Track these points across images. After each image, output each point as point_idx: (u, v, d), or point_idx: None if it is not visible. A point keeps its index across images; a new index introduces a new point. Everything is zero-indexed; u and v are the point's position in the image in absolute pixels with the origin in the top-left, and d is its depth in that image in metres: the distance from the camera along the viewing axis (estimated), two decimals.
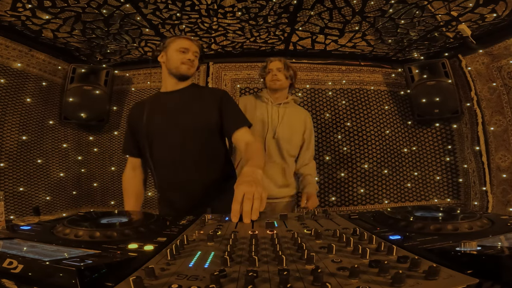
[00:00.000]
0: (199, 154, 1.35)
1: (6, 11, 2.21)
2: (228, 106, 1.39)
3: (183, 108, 1.37)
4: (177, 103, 1.39)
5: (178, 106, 1.38)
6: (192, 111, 1.36)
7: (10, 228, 0.72)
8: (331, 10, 2.34)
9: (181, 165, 1.34)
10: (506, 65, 2.61)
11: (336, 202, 3.11)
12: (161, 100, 1.44)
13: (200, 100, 1.39)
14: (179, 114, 1.36)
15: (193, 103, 1.39)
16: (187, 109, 1.37)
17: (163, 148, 1.36)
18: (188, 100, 1.39)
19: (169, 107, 1.39)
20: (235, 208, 0.85)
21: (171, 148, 1.35)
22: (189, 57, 1.38)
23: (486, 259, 0.45)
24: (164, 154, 1.37)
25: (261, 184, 0.95)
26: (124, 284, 0.41)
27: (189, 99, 1.40)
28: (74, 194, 3.16)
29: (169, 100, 1.41)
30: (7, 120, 2.59)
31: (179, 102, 1.39)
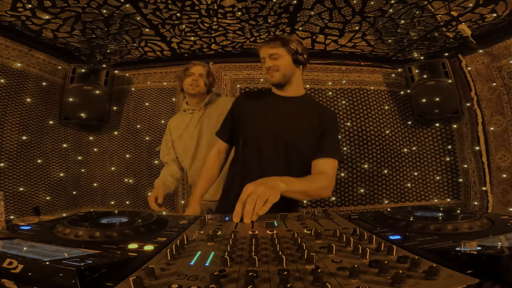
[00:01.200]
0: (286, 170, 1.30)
1: (6, 11, 2.21)
2: (331, 132, 1.34)
3: (292, 119, 1.34)
4: (288, 112, 1.35)
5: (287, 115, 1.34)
6: (298, 124, 1.34)
7: (10, 228, 0.72)
8: (331, 10, 2.34)
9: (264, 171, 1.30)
10: (506, 65, 2.61)
11: (336, 202, 3.11)
12: (272, 103, 1.39)
13: (309, 116, 1.35)
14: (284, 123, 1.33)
15: (303, 116, 1.35)
16: (294, 121, 1.34)
17: (257, 147, 1.34)
18: (300, 112, 1.36)
19: (279, 112, 1.35)
20: (238, 209, 0.85)
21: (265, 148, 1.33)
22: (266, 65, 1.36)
23: (486, 259, 0.45)
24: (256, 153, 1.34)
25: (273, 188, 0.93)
26: (124, 284, 0.41)
27: (300, 111, 1.36)
28: (74, 194, 3.16)
29: (283, 106, 1.37)
30: (7, 120, 2.59)
31: (290, 112, 1.35)
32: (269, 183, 0.96)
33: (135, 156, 3.26)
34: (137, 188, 3.23)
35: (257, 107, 1.40)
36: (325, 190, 1.26)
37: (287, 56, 1.33)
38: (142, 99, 3.33)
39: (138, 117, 3.30)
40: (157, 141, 3.25)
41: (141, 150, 3.26)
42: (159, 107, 3.30)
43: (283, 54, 1.33)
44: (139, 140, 3.28)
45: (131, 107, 3.32)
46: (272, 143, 1.33)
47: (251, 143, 1.36)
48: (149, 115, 3.30)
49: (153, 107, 3.30)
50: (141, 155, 3.26)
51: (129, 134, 3.29)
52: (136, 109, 3.32)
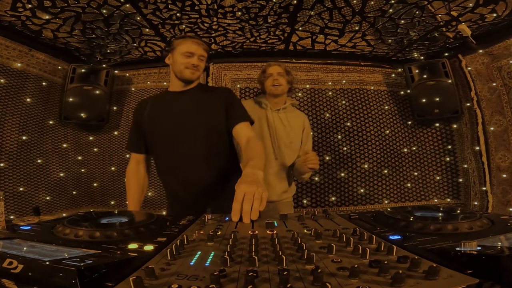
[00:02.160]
0: (205, 152, 1.36)
1: (6, 11, 2.21)
2: (231, 102, 1.41)
3: (190, 109, 1.39)
4: (184, 104, 1.40)
5: (185, 107, 1.39)
6: (199, 112, 1.38)
7: (10, 228, 0.72)
8: (331, 10, 2.34)
9: (185, 164, 1.36)
10: (506, 65, 2.61)
11: (336, 202, 3.11)
12: (168, 99, 1.45)
13: (207, 100, 1.41)
14: (186, 115, 1.38)
15: (200, 103, 1.40)
16: (194, 110, 1.39)
17: (169, 147, 1.38)
18: (195, 101, 1.41)
19: (176, 108, 1.40)
20: (236, 208, 0.85)
21: (177, 147, 1.37)
22: (193, 62, 1.38)
23: (486, 259, 0.45)
24: (170, 154, 1.38)
25: (262, 185, 0.95)
26: (124, 284, 0.41)
27: (196, 100, 1.41)
28: (74, 194, 3.16)
29: (176, 100, 1.43)
30: (7, 120, 2.59)
31: (186, 103, 1.40)
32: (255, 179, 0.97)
33: None
34: None
35: (150, 109, 1.44)
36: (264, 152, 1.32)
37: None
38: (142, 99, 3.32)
39: None
40: None
41: None
42: None
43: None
44: None
45: (131, 107, 3.32)
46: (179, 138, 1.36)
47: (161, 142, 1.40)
48: None
49: None
50: None
51: None
52: None
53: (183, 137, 1.36)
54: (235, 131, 1.36)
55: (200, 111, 1.39)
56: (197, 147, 1.36)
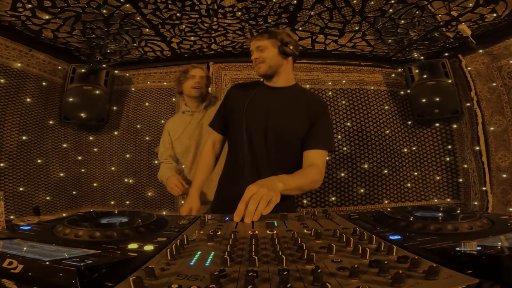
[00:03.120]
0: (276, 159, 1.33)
1: (6, 11, 2.21)
2: (321, 122, 1.35)
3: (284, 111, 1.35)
4: (282, 103, 1.37)
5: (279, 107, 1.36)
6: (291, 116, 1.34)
7: (10, 228, 0.72)
8: (331, 10, 2.34)
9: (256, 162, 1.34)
10: (506, 65, 2.61)
11: (336, 202, 3.11)
12: (264, 93, 1.41)
13: (302, 107, 1.36)
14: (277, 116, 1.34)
15: (295, 108, 1.36)
16: (287, 113, 1.35)
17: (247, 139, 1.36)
18: (292, 103, 1.37)
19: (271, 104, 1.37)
20: (240, 208, 0.85)
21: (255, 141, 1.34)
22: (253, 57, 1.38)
23: (486, 259, 0.45)
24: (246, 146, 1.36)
25: (275, 190, 0.94)
26: (124, 284, 0.41)
27: (293, 103, 1.37)
28: (74, 194, 3.16)
29: (272, 96, 1.39)
30: (7, 120, 2.59)
31: (283, 103, 1.37)
32: (269, 184, 0.96)
33: (135, 156, 3.26)
34: (137, 188, 3.23)
35: (247, 97, 1.41)
36: (317, 183, 1.28)
37: (272, 48, 1.35)
38: (142, 99, 3.33)
39: (138, 117, 3.30)
40: (157, 141, 3.25)
41: (141, 150, 3.26)
42: (159, 107, 3.30)
43: (268, 46, 1.35)
44: (139, 140, 3.28)
45: (131, 107, 3.32)
46: (261, 133, 1.34)
47: (241, 133, 1.38)
48: (149, 115, 3.30)
49: (153, 107, 3.30)
50: (141, 155, 3.26)
51: (129, 134, 3.29)
52: (136, 109, 3.32)
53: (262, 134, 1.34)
54: (309, 152, 1.30)
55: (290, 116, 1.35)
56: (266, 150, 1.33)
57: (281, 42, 1.34)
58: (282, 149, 1.34)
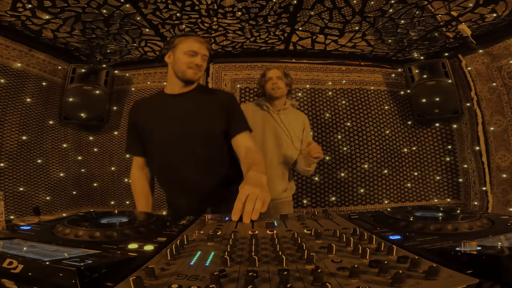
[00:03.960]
0: (205, 159, 1.33)
1: (6, 11, 2.21)
2: (232, 110, 1.37)
3: (190, 114, 1.34)
4: (184, 108, 1.34)
5: (185, 112, 1.34)
6: (199, 118, 1.33)
7: (10, 228, 0.72)
8: (331, 10, 2.34)
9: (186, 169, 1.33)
10: (506, 65, 2.61)
11: (336, 202, 3.11)
12: (166, 103, 1.38)
13: (207, 106, 1.36)
14: (185, 120, 1.33)
15: (201, 109, 1.35)
16: (194, 116, 1.33)
17: (168, 152, 1.34)
18: (196, 105, 1.35)
19: (175, 112, 1.34)
20: (237, 207, 0.85)
21: (176, 152, 1.33)
22: (197, 61, 1.31)
23: (486, 259, 0.45)
24: (169, 159, 1.34)
25: (266, 189, 0.95)
26: (124, 284, 0.41)
27: (196, 104, 1.36)
28: (74, 194, 3.16)
29: (174, 104, 1.36)
30: (7, 120, 2.59)
31: (186, 108, 1.34)
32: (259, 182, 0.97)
33: None
34: None
35: (147, 112, 1.39)
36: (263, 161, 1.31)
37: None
38: None
39: None
40: None
41: None
42: None
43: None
44: None
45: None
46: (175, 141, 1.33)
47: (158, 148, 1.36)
48: None
49: None
50: None
51: None
52: None
53: (180, 143, 1.32)
54: (234, 141, 1.33)
55: (198, 117, 1.34)
56: (195, 154, 1.32)
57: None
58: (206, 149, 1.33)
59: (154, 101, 1.44)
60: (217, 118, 1.34)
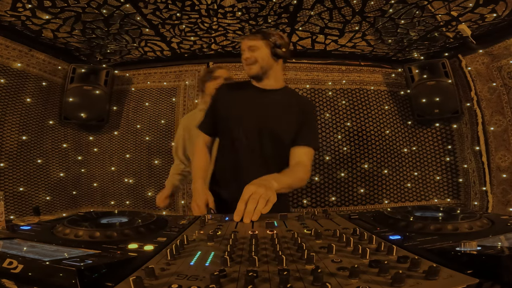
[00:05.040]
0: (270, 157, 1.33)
1: (6, 11, 2.21)
2: (310, 122, 1.37)
3: (276, 112, 1.35)
4: (266, 104, 1.36)
5: (265, 108, 1.35)
6: (282, 118, 1.34)
7: (10, 228, 0.72)
8: (331, 10, 2.34)
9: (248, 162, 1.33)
10: (506, 65, 2.61)
11: (336, 202, 3.11)
12: (252, 95, 1.39)
13: (292, 109, 1.36)
14: (269, 117, 1.34)
15: (286, 110, 1.36)
16: (278, 115, 1.35)
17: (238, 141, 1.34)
18: (282, 105, 1.37)
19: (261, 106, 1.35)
20: (240, 207, 0.85)
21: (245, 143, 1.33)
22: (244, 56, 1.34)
23: (486, 259, 0.45)
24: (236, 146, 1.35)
25: (272, 190, 0.95)
26: (124, 284, 0.41)
27: (278, 104, 1.37)
28: (74, 194, 3.16)
29: (260, 98, 1.37)
30: (7, 120, 2.59)
31: (267, 104, 1.36)
32: (266, 183, 0.97)
33: (135, 156, 3.26)
34: (137, 188, 3.23)
35: (237, 98, 1.40)
36: (304, 182, 1.30)
37: (265, 49, 1.33)
38: (142, 99, 3.33)
39: (138, 117, 3.30)
40: (157, 141, 3.25)
41: (141, 150, 3.26)
42: (159, 107, 3.30)
43: (261, 46, 1.32)
44: (139, 140, 3.28)
45: (131, 107, 3.32)
46: (254, 135, 1.34)
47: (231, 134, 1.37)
48: (149, 115, 3.30)
49: (153, 107, 3.30)
50: (141, 155, 3.26)
51: (129, 134, 3.29)
52: (136, 109, 3.32)
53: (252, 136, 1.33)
54: (295, 149, 1.31)
55: (281, 117, 1.35)
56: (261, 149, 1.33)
57: (274, 43, 1.33)
58: (276, 150, 1.34)
59: (242, 89, 1.44)
60: (295, 123, 1.34)
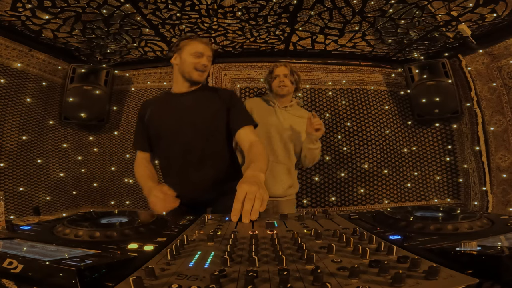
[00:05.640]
0: (206, 153, 1.37)
1: (6, 11, 2.21)
2: (235, 105, 1.41)
3: (194, 109, 1.39)
4: (189, 105, 1.40)
5: (189, 108, 1.39)
6: (202, 112, 1.38)
7: (10, 228, 0.72)
8: (331, 10, 2.34)
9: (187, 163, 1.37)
10: (506, 65, 2.61)
11: (336, 202, 3.11)
12: (172, 101, 1.45)
13: (210, 102, 1.41)
14: (189, 115, 1.38)
15: (204, 104, 1.40)
16: (197, 111, 1.39)
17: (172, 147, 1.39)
18: (199, 102, 1.41)
19: (180, 108, 1.40)
20: (236, 207, 0.85)
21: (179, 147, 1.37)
22: (203, 62, 1.37)
23: (486, 259, 0.45)
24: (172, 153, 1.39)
25: (263, 187, 0.95)
26: (124, 284, 0.41)
27: (200, 100, 1.41)
28: (74, 194, 3.16)
29: (180, 101, 1.42)
30: (7, 120, 2.59)
31: (190, 104, 1.40)
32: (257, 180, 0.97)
33: (135, 156, 3.25)
34: (137, 188, 3.23)
35: (154, 110, 1.45)
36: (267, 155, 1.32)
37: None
38: (142, 99, 3.33)
39: None
40: None
41: None
42: None
43: None
44: None
45: (131, 107, 3.32)
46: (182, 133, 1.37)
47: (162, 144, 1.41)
48: None
49: None
50: None
51: (129, 134, 3.29)
52: (136, 109, 3.31)
53: (183, 138, 1.37)
54: (238, 135, 1.35)
55: (200, 112, 1.39)
56: (196, 148, 1.36)
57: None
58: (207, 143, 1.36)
59: (161, 100, 1.51)
60: (218, 113, 1.38)
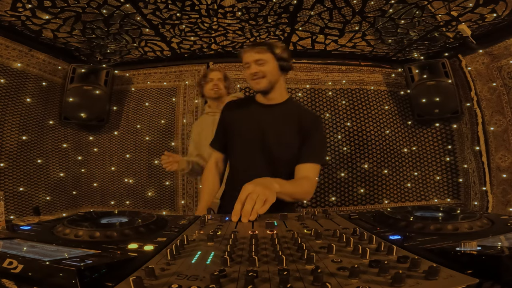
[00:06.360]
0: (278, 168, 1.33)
1: (6, 11, 2.21)
2: (314, 135, 1.34)
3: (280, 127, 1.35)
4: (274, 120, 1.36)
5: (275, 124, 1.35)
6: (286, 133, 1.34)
7: (10, 228, 0.72)
8: (331, 10, 2.34)
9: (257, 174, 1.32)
10: (506, 65, 2.61)
11: (336, 202, 3.11)
12: (257, 110, 1.40)
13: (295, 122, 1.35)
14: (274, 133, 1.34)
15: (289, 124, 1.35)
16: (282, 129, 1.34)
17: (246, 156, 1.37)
18: (286, 119, 1.36)
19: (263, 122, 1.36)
20: (237, 208, 0.85)
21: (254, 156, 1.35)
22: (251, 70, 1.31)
23: (486, 259, 0.45)
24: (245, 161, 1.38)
25: (271, 189, 0.95)
26: (124, 284, 0.41)
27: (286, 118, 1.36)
28: (74, 194, 3.16)
29: (265, 114, 1.38)
30: (7, 120, 2.59)
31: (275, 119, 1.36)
32: (265, 183, 0.97)
33: (135, 156, 3.26)
34: (137, 188, 3.23)
35: (243, 116, 1.43)
36: (308, 194, 1.30)
37: (273, 62, 1.30)
38: (142, 99, 3.33)
39: (138, 117, 3.30)
40: (157, 141, 3.25)
41: (141, 150, 3.26)
42: (159, 107, 3.30)
43: (269, 60, 1.29)
44: (139, 140, 3.28)
45: (131, 107, 3.32)
46: (257, 152, 1.35)
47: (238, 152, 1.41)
48: (149, 115, 3.30)
49: (153, 107, 3.30)
50: (141, 155, 3.26)
51: (129, 134, 3.29)
52: (136, 109, 3.32)
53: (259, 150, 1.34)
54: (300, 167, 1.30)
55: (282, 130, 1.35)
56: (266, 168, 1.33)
57: (281, 57, 1.31)
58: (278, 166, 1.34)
59: (247, 106, 1.46)
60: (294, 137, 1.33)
